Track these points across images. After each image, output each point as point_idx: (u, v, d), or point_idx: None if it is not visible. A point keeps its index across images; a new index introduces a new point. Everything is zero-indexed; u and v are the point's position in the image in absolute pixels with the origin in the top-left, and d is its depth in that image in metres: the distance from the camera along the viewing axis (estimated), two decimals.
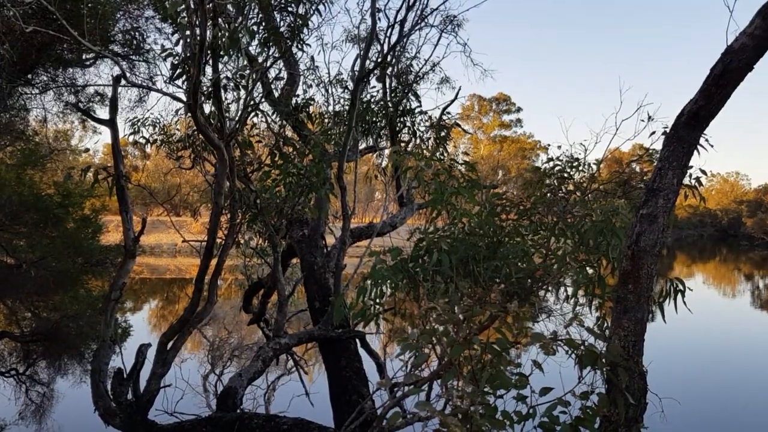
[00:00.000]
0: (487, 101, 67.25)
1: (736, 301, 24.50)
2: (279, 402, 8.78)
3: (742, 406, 9.88)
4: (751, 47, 3.69)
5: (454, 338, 3.46)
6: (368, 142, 7.90)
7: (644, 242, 3.95)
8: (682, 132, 3.96)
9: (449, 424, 2.77)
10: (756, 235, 60.61)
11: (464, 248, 5.05)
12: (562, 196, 5.67)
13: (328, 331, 5.88)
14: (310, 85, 7.30)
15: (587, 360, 3.43)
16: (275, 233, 5.79)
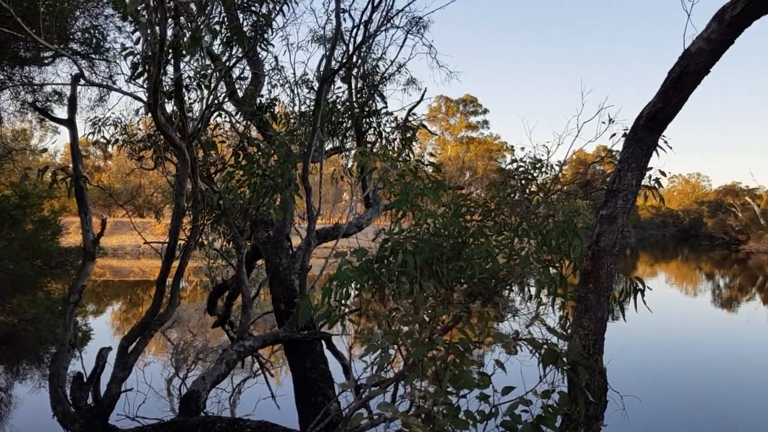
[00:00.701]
0: (454, 103, 67.69)
1: (698, 299, 25.05)
2: (245, 405, 8.71)
3: (703, 402, 10.10)
4: (708, 51, 3.77)
5: (418, 339, 3.47)
6: (334, 143, 7.89)
7: (604, 242, 4.01)
8: (641, 134, 4.03)
9: (411, 425, 2.77)
10: (716, 235, 62.05)
11: (429, 249, 5.07)
12: (526, 197, 5.73)
13: (293, 333, 5.84)
14: (275, 85, 7.27)
15: (548, 359, 3.46)
16: (239, 235, 5.74)
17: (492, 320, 5.49)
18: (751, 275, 35.22)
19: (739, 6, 3.62)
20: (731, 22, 3.66)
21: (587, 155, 54.20)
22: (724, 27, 3.69)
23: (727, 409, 9.74)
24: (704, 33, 3.78)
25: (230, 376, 9.62)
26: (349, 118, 7.00)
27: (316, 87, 6.60)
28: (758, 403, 10.14)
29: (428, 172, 5.73)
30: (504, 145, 64.79)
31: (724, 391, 10.77)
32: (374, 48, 8.09)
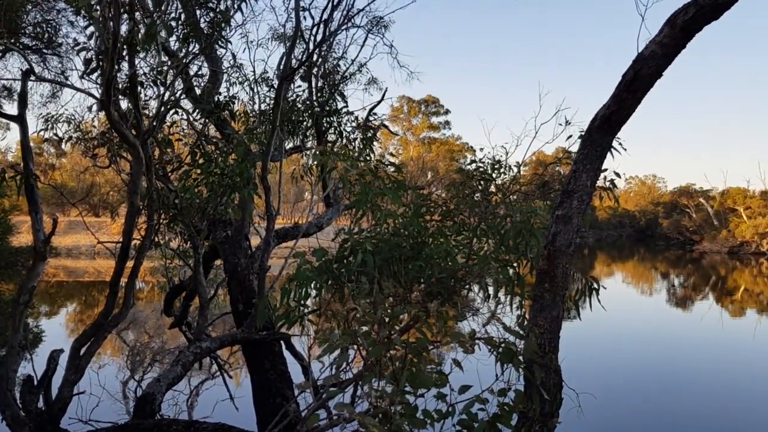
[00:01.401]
0: (416, 103, 68.01)
1: (653, 299, 25.62)
2: (202, 407, 8.60)
3: (657, 398, 10.33)
4: (661, 55, 3.86)
5: (376, 338, 3.46)
6: (295, 142, 7.83)
7: (560, 242, 4.07)
8: (596, 136, 4.10)
9: (367, 425, 2.76)
10: (671, 236, 63.56)
11: (389, 249, 5.07)
12: (485, 198, 5.78)
13: (251, 334, 5.78)
14: (234, 83, 7.17)
15: (505, 357, 3.49)
16: (196, 234, 5.66)
17: (451, 320, 5.54)
18: (705, 274, 36.18)
19: (690, 11, 3.71)
20: (683, 26, 3.75)
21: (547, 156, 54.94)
22: (677, 31, 3.77)
23: (681, 405, 9.98)
24: (657, 37, 3.86)
25: (187, 377, 9.50)
26: (309, 117, 6.96)
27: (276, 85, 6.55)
28: (712, 397, 10.42)
29: (389, 172, 5.74)
30: (465, 145, 65.36)
31: (678, 388, 11.02)
32: (335, 47, 8.08)
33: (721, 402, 10.21)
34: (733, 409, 9.76)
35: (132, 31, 4.14)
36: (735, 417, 9.39)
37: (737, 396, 10.57)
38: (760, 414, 9.54)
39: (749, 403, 10.17)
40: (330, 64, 7.95)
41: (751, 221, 51.97)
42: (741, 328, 17.85)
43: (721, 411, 9.72)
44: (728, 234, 53.97)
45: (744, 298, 24.51)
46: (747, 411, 9.71)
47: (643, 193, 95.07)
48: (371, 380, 3.46)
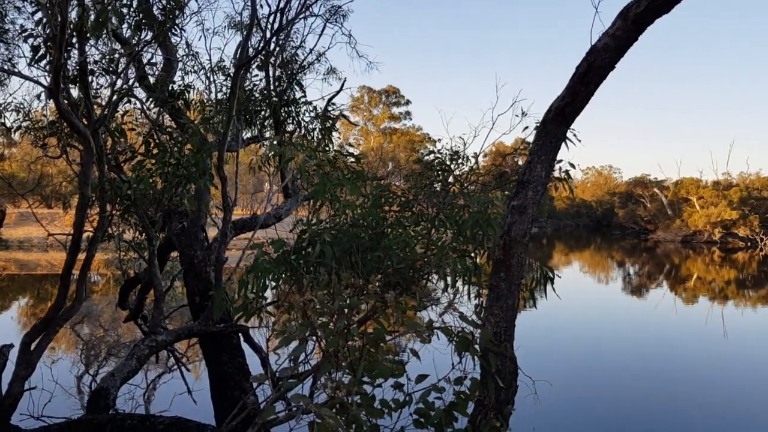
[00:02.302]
0: (377, 93, 67.93)
1: (609, 287, 26.18)
2: (160, 401, 8.51)
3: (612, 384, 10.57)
4: (613, 47, 3.91)
5: (332, 329, 3.46)
6: (252, 132, 7.74)
7: (515, 232, 4.11)
8: (550, 127, 4.15)
9: (323, 416, 2.76)
10: (627, 225, 64.94)
11: (347, 240, 5.07)
12: (443, 188, 5.81)
13: (208, 326, 5.71)
14: (190, 72, 7.05)
15: (461, 346, 3.52)
16: (151, 226, 5.55)
17: (410, 310, 5.57)
18: (659, 263, 37.11)
19: (642, 4, 3.77)
20: (635, 19, 3.80)
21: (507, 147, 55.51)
22: (629, 24, 3.83)
23: (635, 389, 10.23)
24: (610, 30, 3.91)
25: (144, 371, 9.37)
26: (267, 106, 6.88)
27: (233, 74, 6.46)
28: (665, 381, 10.70)
29: (348, 162, 5.72)
30: (426, 136, 65.59)
31: (633, 373, 11.30)
32: (293, 36, 8.00)
33: (673, 385, 10.50)
34: (685, 392, 10.06)
35: (82, 17, 4.03)
36: (687, 399, 9.67)
37: (689, 379, 10.90)
38: (708, 394, 9.85)
39: (700, 384, 10.49)
40: (288, 54, 7.87)
41: (703, 211, 53.42)
42: (694, 315, 18.37)
43: (673, 394, 10.00)
44: (682, 223, 55.39)
45: (697, 286, 25.21)
46: (697, 392, 10.02)
47: (600, 184, 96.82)
48: (328, 371, 3.46)
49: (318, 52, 8.37)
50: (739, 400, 9.78)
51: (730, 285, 25.67)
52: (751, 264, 35.97)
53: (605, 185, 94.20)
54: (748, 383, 10.79)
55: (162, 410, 7.28)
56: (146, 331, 6.72)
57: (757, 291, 24.04)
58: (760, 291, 24.01)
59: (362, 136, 68.02)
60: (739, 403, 9.63)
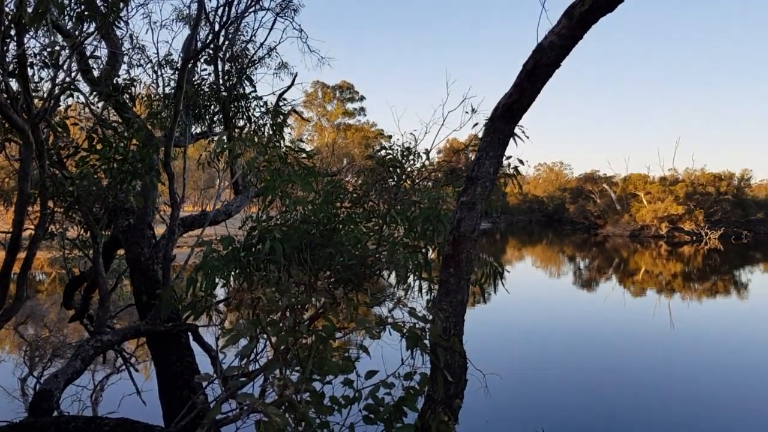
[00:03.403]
0: (331, 89, 67.64)
1: (560, 281, 26.66)
2: (108, 402, 8.32)
3: (561, 377, 10.77)
4: (559, 45, 3.97)
5: (280, 327, 3.42)
6: (202, 127, 7.61)
7: (464, 228, 4.14)
8: (498, 124, 4.19)
9: (270, 414, 2.73)
10: (577, 220, 66.22)
11: (298, 236, 5.02)
12: (394, 184, 5.81)
13: (156, 326, 5.60)
14: (136, 65, 6.88)
15: (410, 342, 3.53)
16: (95, 223, 5.40)
17: (362, 306, 5.56)
18: (608, 257, 37.96)
19: (587, 3, 3.83)
20: (580, 18, 3.86)
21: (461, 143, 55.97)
22: (574, 23, 3.89)
23: (586, 380, 10.44)
24: (555, 28, 3.97)
25: (91, 372, 9.15)
26: (216, 101, 6.77)
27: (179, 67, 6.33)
28: (614, 372, 10.95)
29: (299, 158, 5.67)
30: (381, 132, 65.65)
31: (584, 365, 11.53)
32: (243, 30, 7.88)
33: (623, 375, 10.76)
34: (635, 381, 10.31)
35: (20, 7, 3.89)
36: (636, 387, 9.92)
37: (639, 368, 11.18)
38: (656, 382, 10.12)
39: (649, 373, 10.77)
40: (238, 48, 7.75)
41: (651, 206, 54.86)
42: (642, 307, 18.84)
43: (623, 383, 10.24)
44: (630, 218, 56.79)
45: (645, 279, 25.88)
46: (646, 381, 10.27)
47: (551, 180, 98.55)
48: (276, 369, 3.43)
49: (269, 47, 8.29)
50: (685, 386, 10.09)
51: (677, 278, 26.43)
52: (697, 258, 37.12)
53: (556, 181, 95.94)
54: (693, 370, 11.14)
55: (110, 412, 7.12)
56: (92, 331, 6.55)
57: (702, 284, 24.80)
58: (704, 284, 24.78)
59: (316, 132, 67.68)
60: (686, 388, 9.93)
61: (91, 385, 8.75)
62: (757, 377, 10.84)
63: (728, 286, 24.00)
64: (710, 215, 53.48)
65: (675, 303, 19.42)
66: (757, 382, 10.51)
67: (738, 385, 10.36)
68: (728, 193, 56.82)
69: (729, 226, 53.59)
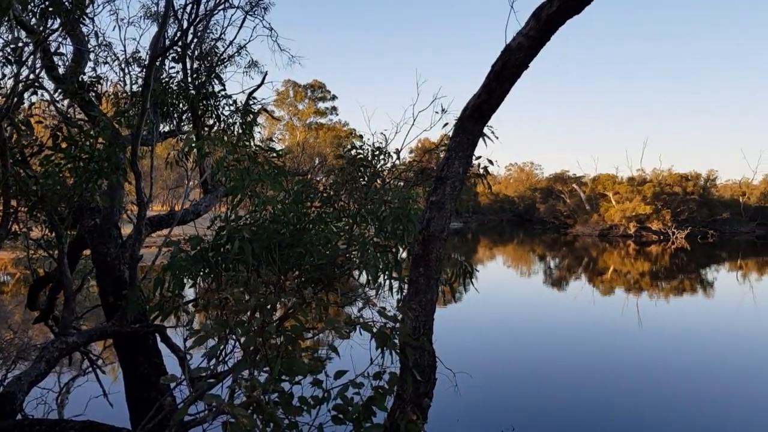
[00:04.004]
0: (302, 88, 67.35)
1: (531, 280, 26.91)
2: (75, 405, 8.18)
3: (532, 375, 10.88)
4: (527, 47, 4.00)
5: (248, 327, 3.40)
6: (171, 126, 7.52)
7: (434, 227, 4.16)
8: (467, 124, 4.21)
9: (237, 416, 2.71)
10: (548, 220, 66.95)
11: (267, 236, 4.99)
12: (364, 184, 5.81)
13: (123, 327, 5.51)
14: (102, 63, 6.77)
15: (379, 341, 3.53)
16: (60, 223, 5.31)
17: (333, 306, 5.55)
18: (578, 256, 38.43)
19: (555, 5, 3.86)
20: (547, 19, 3.90)
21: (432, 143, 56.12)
22: (541, 24, 3.92)
23: (555, 378, 10.56)
24: (523, 29, 4.00)
25: (57, 375, 9.00)
26: (184, 99, 6.70)
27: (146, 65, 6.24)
28: (584, 371, 11.09)
29: (268, 157, 5.63)
30: (353, 132, 65.58)
31: (554, 363, 11.66)
32: (213, 28, 7.81)
33: (592, 372, 10.91)
34: (604, 379, 10.46)
35: None
36: (605, 385, 10.06)
37: (608, 366, 11.34)
38: (624, 379, 10.28)
39: (617, 371, 10.93)
40: (207, 46, 7.67)
41: (619, 206, 55.68)
42: (611, 306, 19.12)
43: (592, 381, 10.39)
44: (599, 218, 57.58)
45: (613, 278, 26.25)
46: (615, 378, 10.44)
47: (522, 180, 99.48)
48: (244, 370, 3.40)
49: (238, 45, 8.23)
50: (653, 383, 10.26)
51: (645, 277, 26.86)
52: (664, 257, 37.77)
53: (527, 181, 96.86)
54: (661, 368, 11.34)
55: (76, 414, 7.01)
56: (57, 333, 6.43)
57: (669, 282, 25.25)
58: (672, 282, 25.23)
59: (288, 131, 67.32)
60: (654, 385, 10.10)
61: (56, 388, 8.60)
62: (723, 372, 11.07)
63: (695, 285, 24.47)
64: (677, 215, 54.47)
65: (643, 301, 19.74)
66: (724, 378, 10.74)
67: (705, 380, 10.59)
68: (695, 193, 57.92)
69: (695, 225, 54.65)
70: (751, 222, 63.62)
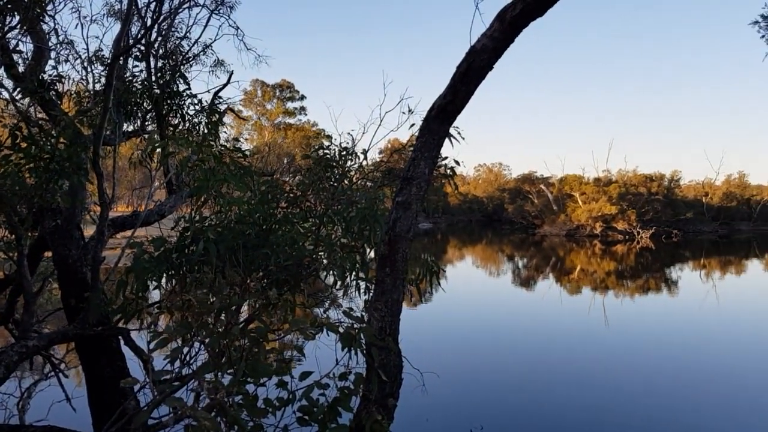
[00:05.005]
0: (271, 88, 66.85)
1: (499, 280, 27.12)
2: (37, 410, 8.00)
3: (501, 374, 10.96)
4: (491, 48, 4.03)
5: (212, 329, 3.37)
6: (135, 125, 7.41)
7: (400, 228, 4.16)
8: (433, 125, 4.23)
9: (199, 419, 2.68)
10: (516, 220, 67.63)
11: (232, 237, 4.94)
12: (331, 184, 5.80)
13: (85, 330, 5.41)
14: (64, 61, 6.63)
15: (345, 342, 3.53)
16: (20, 224, 5.19)
17: (300, 307, 5.53)
18: (546, 256, 38.87)
19: (518, 7, 3.90)
20: (511, 21, 3.94)
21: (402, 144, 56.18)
22: (505, 26, 3.96)
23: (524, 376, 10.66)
24: (488, 31, 4.03)
25: (18, 379, 8.80)
26: (148, 99, 6.60)
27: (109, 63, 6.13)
28: (552, 370, 11.20)
29: (234, 157, 5.57)
30: (322, 132, 65.34)
31: (522, 362, 11.77)
32: (178, 26, 7.71)
33: (560, 372, 11.02)
34: (571, 378, 10.58)
35: None
36: (573, 383, 10.18)
37: (576, 367, 11.47)
38: (592, 377, 10.41)
39: (584, 370, 11.07)
40: (171, 44, 7.58)
41: (585, 206, 56.46)
42: (578, 305, 19.35)
43: (560, 379, 10.49)
44: (566, 218, 58.32)
45: (580, 278, 26.60)
46: (582, 377, 10.56)
47: (491, 180, 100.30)
48: (209, 373, 3.37)
49: (204, 44, 8.14)
50: (620, 381, 10.42)
51: (611, 276, 27.27)
52: (629, 256, 38.41)
53: (496, 182, 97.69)
54: (628, 366, 11.51)
55: (38, 420, 6.85)
56: (17, 336, 6.29)
57: (635, 281, 25.68)
58: (637, 281, 25.66)
59: (256, 131, 66.78)
60: (621, 383, 10.25)
61: (18, 393, 8.40)
62: (686, 368, 11.30)
63: (659, 284, 24.93)
64: (642, 215, 55.43)
65: (609, 300, 20.04)
66: (687, 373, 10.95)
67: (668, 375, 10.78)
68: (659, 193, 59.02)
69: (660, 225, 55.69)
70: (714, 222, 65.15)
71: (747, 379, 10.77)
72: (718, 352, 12.86)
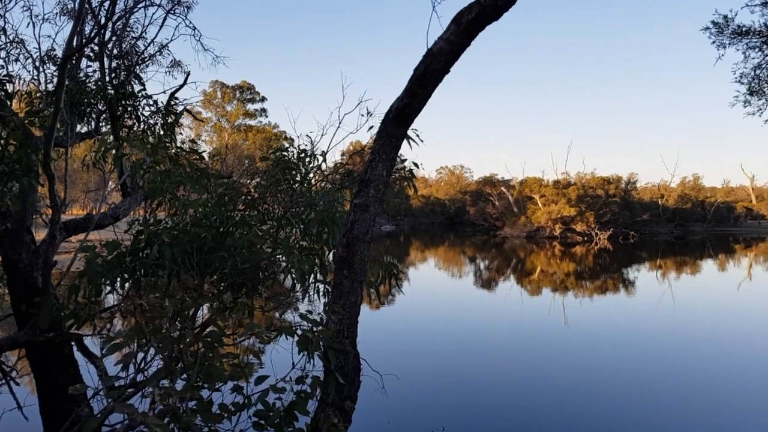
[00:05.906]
0: (230, 89, 66.12)
1: (461, 281, 27.31)
2: None
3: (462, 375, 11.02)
4: (448, 51, 4.06)
5: (164, 334, 3.31)
6: (89, 127, 7.24)
7: (357, 230, 4.16)
8: (391, 127, 4.24)
9: (151, 425, 2.63)
10: (477, 222, 68.25)
11: (188, 240, 4.87)
12: (290, 187, 5.76)
13: (36, 336, 5.26)
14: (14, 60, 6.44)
15: (301, 345, 3.50)
16: None
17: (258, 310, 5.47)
18: (506, 257, 39.29)
19: (474, 11, 3.93)
20: (467, 25, 3.97)
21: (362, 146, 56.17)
22: (461, 30, 3.99)
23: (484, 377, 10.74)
24: (444, 34, 4.05)
25: None
26: (102, 99, 6.46)
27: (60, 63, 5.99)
28: (513, 370, 11.31)
29: (191, 159, 5.49)
30: (283, 134, 64.92)
31: (483, 362, 11.85)
32: (133, 26, 7.57)
33: (520, 371, 11.14)
34: (530, 378, 10.70)
35: None
36: (532, 383, 10.29)
37: (535, 367, 11.60)
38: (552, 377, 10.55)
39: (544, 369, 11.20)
40: (127, 44, 7.43)
41: (545, 208, 57.25)
42: (538, 305, 19.59)
43: (519, 379, 10.61)
44: (526, 220, 59.06)
45: (540, 279, 26.95)
46: (542, 376, 10.69)
47: (453, 183, 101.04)
48: (162, 378, 3.31)
49: (160, 44, 8.00)
50: (579, 378, 10.58)
51: (570, 277, 27.70)
52: (588, 257, 39.07)
53: (457, 184, 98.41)
54: (588, 365, 11.69)
55: None
56: None
57: (593, 282, 26.12)
58: (595, 282, 26.11)
59: (216, 133, 65.98)
60: (579, 381, 10.41)
61: None
62: (646, 367, 11.52)
63: (617, 284, 25.41)
64: (600, 217, 56.43)
65: (568, 301, 20.33)
66: (647, 372, 11.17)
67: (629, 375, 10.99)
68: (616, 195, 60.15)
69: (617, 227, 56.81)
70: (670, 223, 66.74)
71: (704, 374, 11.06)
72: (675, 350, 13.16)
